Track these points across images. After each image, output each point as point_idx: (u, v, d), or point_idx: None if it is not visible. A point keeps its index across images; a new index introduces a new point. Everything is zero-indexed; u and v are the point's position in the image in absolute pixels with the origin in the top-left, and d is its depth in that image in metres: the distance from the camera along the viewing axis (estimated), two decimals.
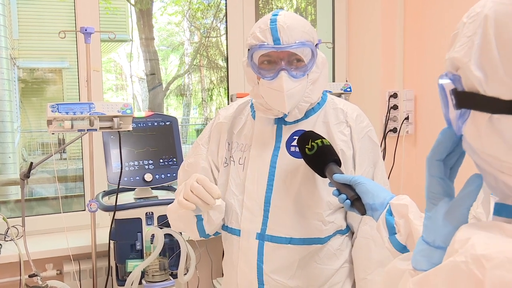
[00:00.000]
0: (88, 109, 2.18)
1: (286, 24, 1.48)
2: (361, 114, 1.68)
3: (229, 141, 1.72)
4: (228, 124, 1.73)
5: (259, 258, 1.59)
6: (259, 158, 1.64)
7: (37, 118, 4.85)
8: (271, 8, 5.06)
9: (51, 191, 3.89)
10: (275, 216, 1.59)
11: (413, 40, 3.17)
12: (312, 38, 1.54)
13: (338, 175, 1.41)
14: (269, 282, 1.60)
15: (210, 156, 1.75)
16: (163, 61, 6.15)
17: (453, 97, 0.75)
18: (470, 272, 0.63)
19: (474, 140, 0.73)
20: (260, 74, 1.55)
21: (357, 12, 3.45)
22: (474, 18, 0.72)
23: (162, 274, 2.40)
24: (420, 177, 3.14)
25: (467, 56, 0.71)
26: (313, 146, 1.47)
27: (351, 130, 1.62)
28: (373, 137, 1.66)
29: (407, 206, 1.26)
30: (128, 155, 2.53)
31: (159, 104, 5.34)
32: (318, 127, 1.63)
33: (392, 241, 1.26)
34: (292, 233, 1.58)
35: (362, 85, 3.31)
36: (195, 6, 5.38)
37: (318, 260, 1.62)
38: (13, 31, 4.53)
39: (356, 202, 1.35)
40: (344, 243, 1.67)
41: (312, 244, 1.59)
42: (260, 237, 1.60)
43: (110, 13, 4.60)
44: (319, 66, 1.58)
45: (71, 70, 4.61)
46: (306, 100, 1.58)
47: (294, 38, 1.49)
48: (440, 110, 0.80)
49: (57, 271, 2.67)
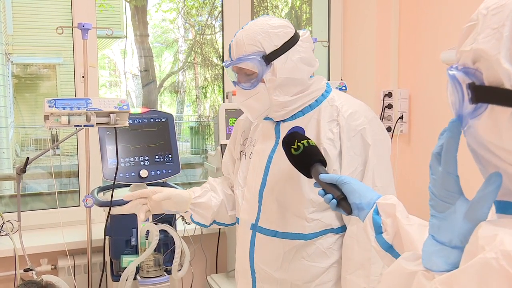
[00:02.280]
0: (85, 104, 2.18)
1: (236, 40, 1.61)
2: (357, 112, 1.64)
3: (246, 137, 1.83)
4: (246, 121, 1.85)
5: (251, 247, 1.69)
6: (260, 153, 1.71)
7: (31, 114, 4.85)
8: (266, 6, 5.08)
9: (45, 186, 3.89)
10: (265, 209, 1.66)
11: (408, 39, 3.19)
12: (261, 48, 1.58)
13: (324, 175, 1.41)
14: (259, 271, 1.68)
15: (230, 151, 1.92)
16: (157, 58, 6.15)
17: (469, 91, 0.73)
18: (501, 268, 0.62)
19: (489, 135, 0.72)
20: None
21: (352, 11, 3.46)
22: (498, 10, 0.71)
23: (157, 270, 2.41)
24: (414, 176, 3.16)
25: (496, 49, 0.69)
26: (299, 146, 1.47)
27: (340, 129, 1.61)
28: (366, 137, 1.61)
29: (394, 206, 1.25)
30: (124, 151, 2.53)
31: (153, 101, 5.35)
32: (311, 124, 1.65)
33: (379, 240, 1.26)
34: (276, 226, 1.64)
35: (357, 84, 3.33)
36: (190, 4, 5.39)
37: (306, 256, 1.64)
38: (8, 26, 4.52)
39: (342, 201, 1.35)
40: (337, 243, 1.66)
41: (295, 239, 1.63)
42: (253, 227, 1.69)
43: (104, 10, 4.60)
44: (278, 72, 1.58)
45: (65, 66, 4.60)
46: (277, 104, 1.62)
47: (238, 53, 1.60)
48: (434, 109, 0.79)
49: (52, 266, 2.67)
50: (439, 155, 0.78)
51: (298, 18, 4.52)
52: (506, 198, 0.75)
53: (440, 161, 0.78)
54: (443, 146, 0.77)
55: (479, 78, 0.72)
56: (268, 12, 5.09)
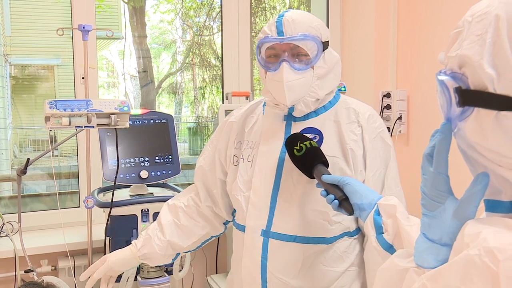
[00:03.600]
0: (86, 106, 2.19)
1: (291, 18, 1.52)
2: (374, 114, 1.67)
3: (241, 140, 1.74)
4: (239, 123, 1.76)
5: (263, 255, 1.58)
6: (267, 154, 1.64)
7: (29, 115, 4.83)
8: (264, 7, 5.08)
9: (43, 187, 3.88)
10: (281, 213, 1.58)
11: (406, 40, 3.20)
12: (319, 34, 1.56)
13: (327, 176, 1.43)
14: (272, 280, 1.58)
15: (217, 154, 1.81)
16: (155, 59, 6.14)
17: (456, 95, 0.76)
18: (483, 265, 0.65)
19: (475, 136, 0.75)
20: (266, 67, 1.58)
21: (351, 12, 3.48)
22: (482, 17, 0.74)
23: (157, 270, 2.42)
24: (412, 176, 3.17)
25: (479, 54, 0.72)
26: (301, 147, 1.48)
27: (362, 130, 1.60)
28: (385, 138, 1.64)
29: (395, 207, 1.28)
30: (124, 152, 2.54)
31: (151, 102, 5.34)
32: (328, 125, 1.62)
33: (379, 240, 1.29)
34: (297, 231, 1.57)
35: (356, 85, 3.34)
36: (188, 4, 5.39)
37: (324, 261, 1.59)
38: (6, 27, 4.51)
39: (343, 202, 1.37)
40: (351, 246, 1.63)
41: (317, 243, 1.57)
42: (265, 233, 1.59)
43: (102, 11, 4.60)
44: (327, 63, 1.59)
45: (63, 67, 4.60)
46: (312, 95, 1.58)
47: (298, 30, 1.52)
48: (433, 110, 0.82)
49: (52, 267, 2.67)
50: (430, 156, 0.81)
51: None
52: (494, 197, 0.78)
53: (431, 162, 0.81)
54: (434, 147, 0.80)
55: (465, 82, 0.75)
56: (266, 13, 5.10)
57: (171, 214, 1.86)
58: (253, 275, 1.61)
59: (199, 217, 1.85)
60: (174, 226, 1.83)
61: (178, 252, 1.87)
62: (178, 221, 1.84)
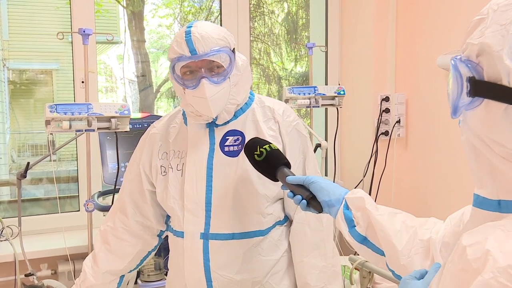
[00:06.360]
0: (86, 109, 2.19)
1: (200, 35, 1.56)
2: (288, 109, 1.77)
3: (166, 150, 1.78)
4: (162, 134, 1.81)
5: (205, 256, 1.66)
6: (196, 162, 1.70)
7: (27, 120, 4.83)
8: (262, 12, 5.09)
9: (42, 192, 3.88)
10: (217, 215, 1.66)
11: (404, 44, 3.22)
12: (227, 43, 1.61)
13: (291, 177, 1.46)
14: (217, 278, 1.67)
15: (142, 166, 1.83)
16: (153, 63, 6.15)
17: (468, 85, 0.75)
18: (501, 285, 0.64)
19: (481, 126, 0.75)
20: (184, 85, 1.62)
21: (350, 16, 3.49)
22: (508, 7, 0.73)
23: (157, 273, 2.43)
24: (411, 179, 3.18)
25: (500, 45, 0.71)
26: (262, 152, 1.51)
27: (279, 125, 1.71)
28: (301, 130, 1.75)
29: (363, 199, 1.31)
30: (124, 155, 2.54)
31: (149, 106, 5.34)
32: (248, 126, 1.71)
33: (353, 234, 1.31)
34: (234, 228, 1.66)
35: (355, 89, 3.36)
36: (187, 9, 5.40)
37: (261, 252, 1.69)
38: (3, 32, 4.51)
39: (311, 201, 1.40)
40: (283, 234, 1.76)
41: (254, 236, 1.68)
42: (204, 236, 1.67)
43: (101, 16, 4.60)
44: (239, 69, 1.65)
45: (62, 71, 4.60)
46: (232, 102, 1.65)
47: (209, 46, 1.56)
48: (431, 113, 0.81)
49: (52, 271, 2.67)
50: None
51: (295, 23, 4.54)
52: (480, 188, 0.79)
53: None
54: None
55: (479, 72, 0.75)
56: (264, 17, 5.11)
57: (102, 240, 1.91)
58: (197, 276, 1.68)
59: (128, 236, 1.88)
60: (105, 252, 1.88)
61: (121, 275, 1.91)
62: (109, 245, 1.88)
